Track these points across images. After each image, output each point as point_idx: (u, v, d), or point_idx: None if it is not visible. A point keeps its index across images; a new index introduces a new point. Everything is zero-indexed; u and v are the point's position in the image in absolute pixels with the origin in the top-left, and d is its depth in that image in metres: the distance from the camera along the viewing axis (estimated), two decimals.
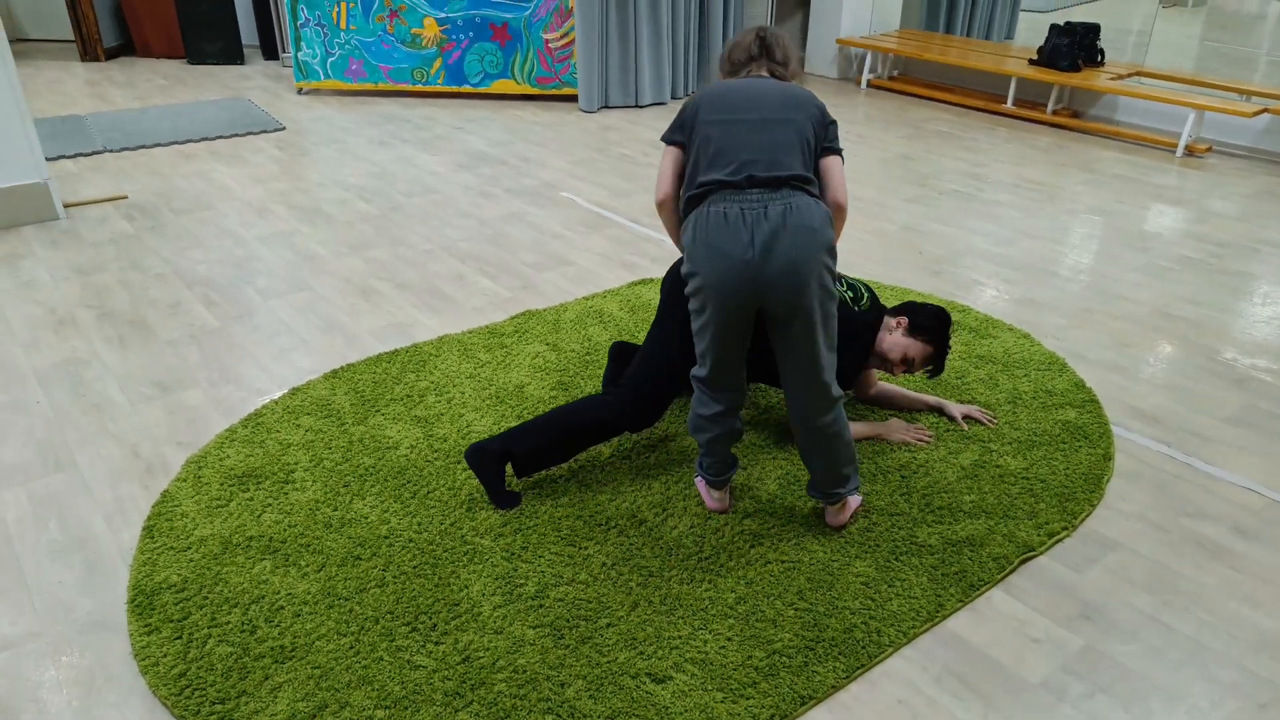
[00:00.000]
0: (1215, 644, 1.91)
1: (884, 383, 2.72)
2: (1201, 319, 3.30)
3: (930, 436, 2.52)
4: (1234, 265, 3.75)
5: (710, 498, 2.24)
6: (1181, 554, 2.15)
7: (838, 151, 2.01)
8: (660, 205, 2.06)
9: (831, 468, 2.06)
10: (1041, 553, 2.14)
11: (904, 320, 2.42)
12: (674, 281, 2.30)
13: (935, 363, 2.44)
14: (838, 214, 2.00)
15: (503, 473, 2.22)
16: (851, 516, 2.20)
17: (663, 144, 2.06)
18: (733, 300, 1.88)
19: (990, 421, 2.61)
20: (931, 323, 2.40)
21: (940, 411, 2.66)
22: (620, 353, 2.66)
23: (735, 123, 1.93)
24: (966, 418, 2.62)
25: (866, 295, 2.48)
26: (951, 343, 2.47)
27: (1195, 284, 3.58)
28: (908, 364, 2.41)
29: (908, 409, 2.68)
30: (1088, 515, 2.27)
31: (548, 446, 2.22)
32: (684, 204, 2.01)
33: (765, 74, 2.08)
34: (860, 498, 2.23)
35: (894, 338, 2.41)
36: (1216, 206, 4.42)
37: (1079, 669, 1.84)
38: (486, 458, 2.19)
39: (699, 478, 2.25)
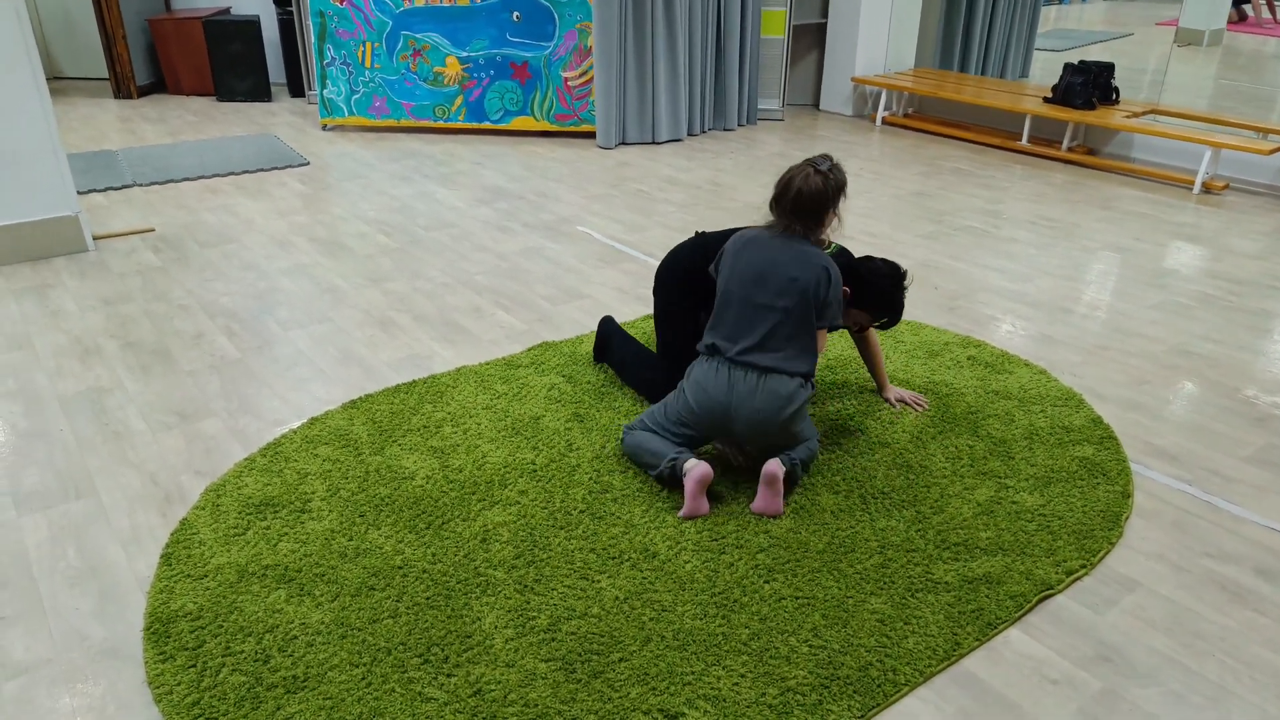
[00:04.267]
0: (1238, 688, 1.87)
1: (871, 333, 2.86)
2: (1220, 357, 3.28)
3: (925, 405, 2.83)
4: (1253, 303, 3.73)
5: (691, 491, 2.31)
6: (1202, 596, 2.12)
7: (825, 327, 2.42)
8: None
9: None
10: (1060, 591, 2.12)
11: (848, 291, 2.60)
12: (663, 280, 2.83)
13: (883, 323, 2.73)
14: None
15: (607, 345, 3.04)
16: (787, 494, 2.40)
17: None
18: (711, 426, 2.43)
19: (919, 406, 2.84)
20: (871, 297, 2.65)
21: (879, 390, 2.92)
22: (606, 330, 3.07)
23: (750, 304, 2.38)
24: (899, 400, 2.87)
25: (833, 248, 2.72)
26: (905, 296, 2.72)
27: (1213, 321, 3.56)
28: (858, 323, 2.74)
29: (867, 365, 2.93)
30: (1107, 553, 2.25)
31: (616, 364, 3.00)
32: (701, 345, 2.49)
33: (798, 231, 2.41)
34: (784, 468, 2.35)
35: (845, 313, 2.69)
36: (1234, 244, 4.41)
37: (1098, 712, 1.81)
38: (603, 330, 3.06)
39: (681, 476, 2.35)
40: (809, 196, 2.36)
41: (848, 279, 2.61)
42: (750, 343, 2.36)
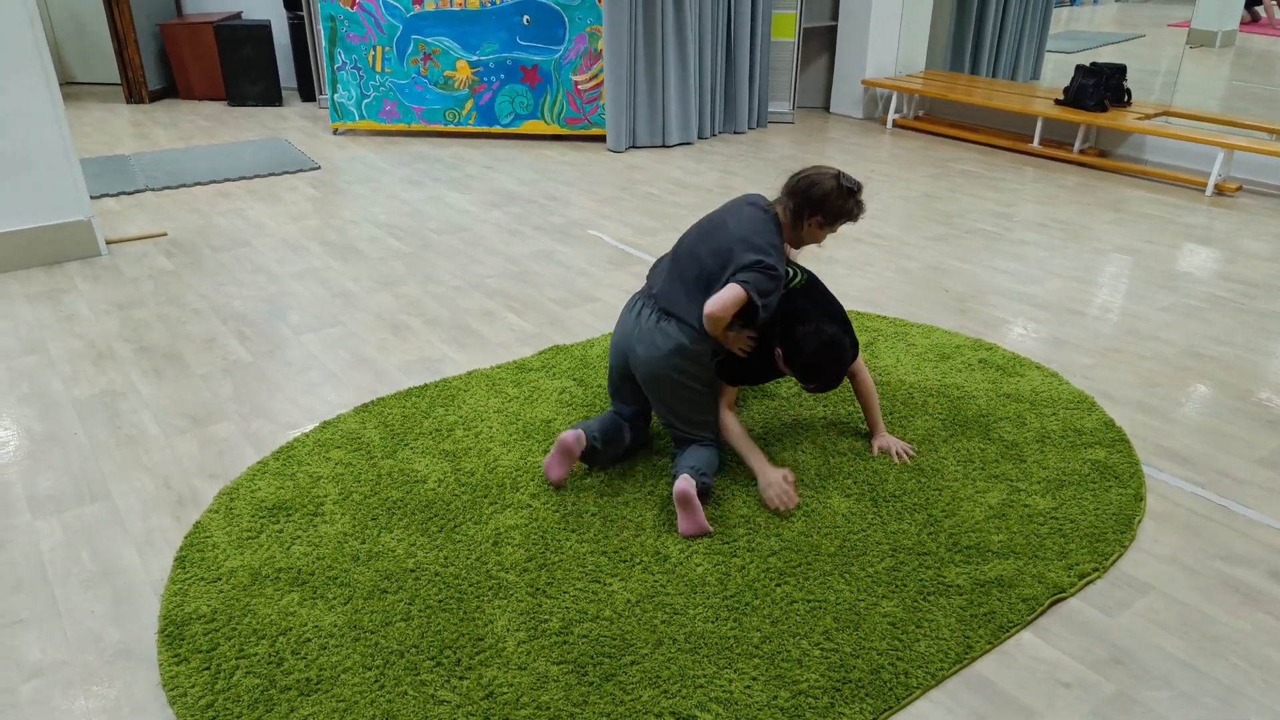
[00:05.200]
0: (1251, 691, 1.86)
1: (862, 374, 2.66)
2: (1232, 359, 3.26)
3: (793, 506, 2.37)
4: (1265, 305, 3.71)
5: (555, 455, 2.40)
6: (1214, 598, 2.11)
7: (736, 282, 2.27)
8: None
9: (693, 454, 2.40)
10: (1072, 594, 2.11)
11: (780, 352, 2.42)
12: None
13: (811, 388, 2.45)
14: (706, 318, 2.31)
15: None
16: (700, 513, 2.26)
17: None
18: (617, 361, 2.49)
19: (903, 458, 2.59)
20: (797, 361, 2.40)
21: (870, 435, 2.69)
22: None
23: (687, 251, 2.42)
24: (882, 450, 2.63)
25: (800, 279, 2.56)
26: (837, 370, 2.46)
27: (1226, 324, 3.54)
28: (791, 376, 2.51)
29: (863, 410, 2.70)
30: (1119, 556, 2.24)
31: None
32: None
33: (781, 212, 2.42)
34: (693, 484, 2.25)
35: (780, 365, 2.45)
36: (1247, 246, 4.38)
37: (1110, 715, 1.80)
38: None
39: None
40: (810, 187, 2.37)
41: (783, 337, 2.42)
42: (667, 286, 2.40)
